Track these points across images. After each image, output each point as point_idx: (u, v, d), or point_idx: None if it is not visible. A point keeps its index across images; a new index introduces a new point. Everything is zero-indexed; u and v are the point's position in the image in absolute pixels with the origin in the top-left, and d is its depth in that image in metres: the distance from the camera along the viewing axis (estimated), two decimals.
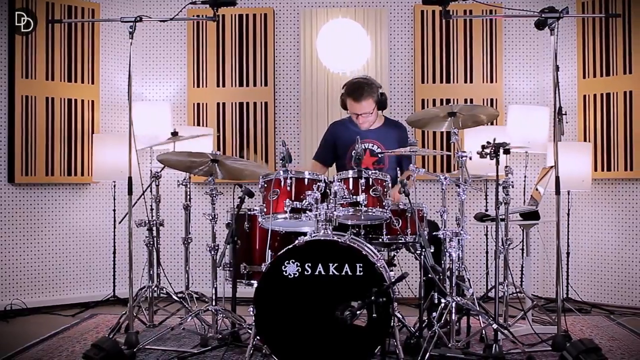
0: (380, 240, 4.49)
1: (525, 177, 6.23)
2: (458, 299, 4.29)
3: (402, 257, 6.12)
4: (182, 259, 5.44)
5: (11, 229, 6.11)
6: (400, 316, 4.30)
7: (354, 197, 4.16)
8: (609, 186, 6.24)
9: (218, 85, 6.75)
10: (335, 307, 3.75)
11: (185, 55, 6.80)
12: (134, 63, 6.62)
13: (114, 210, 6.30)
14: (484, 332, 4.59)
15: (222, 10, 4.63)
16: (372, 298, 3.48)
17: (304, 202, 4.17)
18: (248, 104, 6.74)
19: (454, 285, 4.31)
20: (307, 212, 4.16)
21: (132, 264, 4.47)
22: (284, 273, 3.89)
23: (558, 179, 4.40)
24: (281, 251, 4.03)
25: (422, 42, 6.70)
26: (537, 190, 5.20)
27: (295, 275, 3.88)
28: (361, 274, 3.85)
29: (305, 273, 3.88)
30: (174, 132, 5.06)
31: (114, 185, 6.30)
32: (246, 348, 4.44)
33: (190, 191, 5.30)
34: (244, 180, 5.20)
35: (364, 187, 4.19)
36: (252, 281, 4.65)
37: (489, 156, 4.42)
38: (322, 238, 3.98)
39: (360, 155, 4.26)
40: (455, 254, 4.30)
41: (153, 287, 5.11)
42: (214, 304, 4.60)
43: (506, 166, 4.50)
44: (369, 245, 4.27)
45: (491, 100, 6.62)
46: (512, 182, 4.54)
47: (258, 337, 3.97)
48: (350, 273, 3.86)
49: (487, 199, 6.38)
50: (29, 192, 6.20)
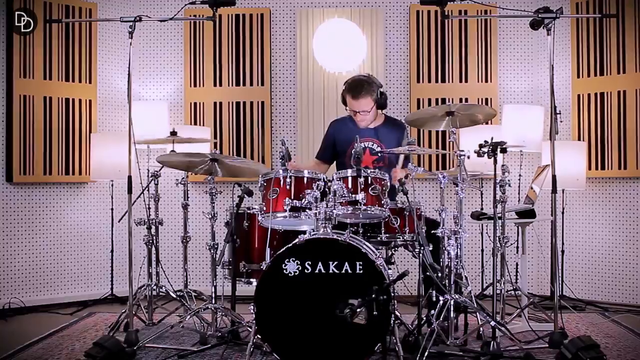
0: (379, 238, 4.49)
1: (520, 176, 6.24)
2: (456, 296, 4.30)
3: (400, 256, 6.12)
4: (181, 258, 5.44)
5: (9, 228, 6.09)
6: (398, 314, 4.31)
7: (353, 196, 4.16)
8: (603, 185, 6.25)
9: (215, 85, 6.74)
10: (336, 305, 3.75)
11: (182, 55, 6.79)
12: (132, 62, 6.64)
13: (111, 209, 6.29)
14: (481, 330, 4.61)
15: (219, 10, 4.62)
16: (373, 296, 3.47)
17: (303, 201, 4.17)
18: (245, 103, 6.73)
19: (452, 283, 4.33)
20: (307, 211, 4.16)
21: (132, 262, 4.46)
22: (284, 271, 3.90)
23: (555, 177, 4.42)
24: (281, 249, 4.04)
25: (418, 42, 6.70)
26: (533, 189, 5.22)
27: (296, 274, 3.89)
28: (361, 272, 3.86)
29: (306, 271, 3.89)
30: (172, 132, 5.05)
31: (112, 185, 6.28)
32: (245, 346, 4.45)
33: (189, 190, 5.30)
34: (243, 179, 5.19)
35: (363, 186, 4.19)
36: (251, 279, 4.65)
37: (486, 155, 4.43)
38: (322, 236, 3.98)
39: (359, 154, 4.26)
40: (454, 252, 4.31)
41: (152, 286, 5.10)
42: (214, 302, 4.59)
43: (503, 165, 4.52)
44: (367, 243, 4.27)
45: (486, 99, 6.63)
46: (509, 181, 4.56)
47: (258, 335, 3.97)
48: (350, 271, 3.87)
49: (483, 197, 6.38)
50: (27, 192, 6.18)
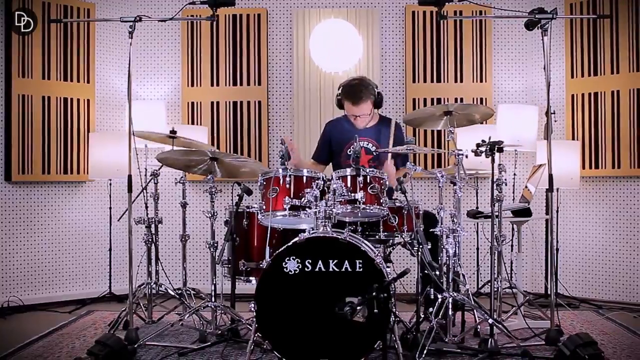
0: (377, 237, 4.49)
1: (515, 175, 6.25)
2: (455, 294, 4.31)
3: (398, 254, 6.14)
4: (179, 256, 5.42)
5: (8, 226, 6.07)
6: (396, 312, 4.31)
7: (352, 195, 4.16)
8: (596, 184, 6.27)
9: (212, 85, 6.73)
10: (336, 303, 3.75)
11: (180, 55, 6.78)
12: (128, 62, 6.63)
13: (109, 208, 6.27)
14: (478, 327, 4.61)
15: (212, 10, 4.59)
16: (374, 294, 3.47)
17: (303, 200, 4.17)
18: (242, 103, 6.72)
19: (450, 281, 4.33)
20: (307, 210, 4.16)
21: (132, 260, 4.46)
22: (285, 270, 3.89)
23: (551, 176, 4.43)
24: (281, 248, 4.03)
25: (413, 42, 6.71)
26: (528, 189, 5.22)
27: (296, 272, 3.88)
28: (361, 270, 3.85)
29: (306, 269, 3.88)
30: (172, 131, 5.04)
31: (110, 184, 6.27)
32: (245, 344, 4.46)
33: (188, 189, 5.29)
34: (243, 179, 5.18)
35: (362, 185, 4.19)
36: (251, 278, 4.65)
37: (484, 154, 4.43)
38: (322, 235, 3.98)
39: (358, 153, 4.26)
40: (452, 250, 4.32)
41: (152, 284, 5.09)
42: (213, 300, 4.59)
43: (499, 164, 4.52)
44: (366, 242, 4.27)
45: (481, 99, 6.64)
46: (506, 180, 4.56)
47: (259, 333, 3.96)
48: (350, 269, 3.86)
49: (478, 196, 6.39)
50: (26, 191, 6.16)
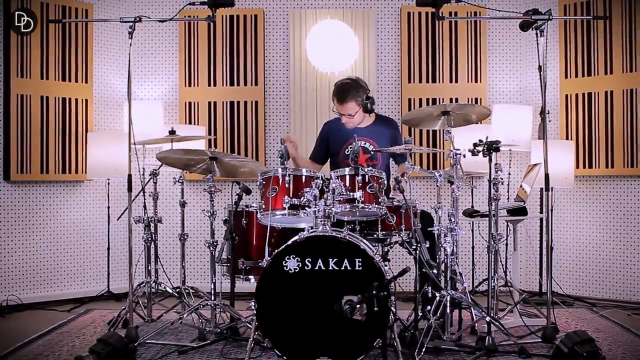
0: (375, 235, 4.48)
1: (509, 175, 6.26)
2: (453, 292, 4.32)
3: (395, 252, 6.14)
4: (178, 255, 5.41)
5: (7, 225, 6.05)
6: (395, 310, 4.32)
7: (351, 194, 4.16)
8: (590, 183, 6.29)
9: (209, 85, 6.72)
10: (335, 302, 3.75)
11: (177, 55, 6.77)
12: (126, 62, 6.60)
13: (108, 207, 6.26)
14: (476, 325, 4.62)
15: (211, 11, 4.57)
16: (374, 292, 3.47)
17: (302, 199, 4.17)
18: (239, 102, 6.72)
19: (448, 279, 4.34)
20: (306, 209, 4.16)
21: (132, 259, 4.45)
22: (285, 268, 3.89)
23: (547, 176, 4.45)
24: (281, 247, 4.04)
25: (409, 43, 6.71)
26: (523, 188, 5.23)
27: (296, 271, 3.89)
28: (360, 268, 3.86)
29: (306, 268, 3.88)
30: (171, 131, 5.03)
31: (108, 183, 6.26)
32: (244, 342, 4.46)
33: (186, 189, 5.28)
34: (242, 178, 5.18)
35: (360, 184, 4.19)
36: (250, 276, 4.65)
37: (481, 154, 4.44)
38: (322, 234, 3.98)
39: (356, 152, 4.27)
40: (450, 249, 4.32)
41: (151, 283, 5.08)
42: (213, 298, 4.58)
43: (496, 163, 4.53)
44: (364, 240, 4.27)
45: (476, 99, 6.65)
46: (502, 179, 4.57)
47: (259, 331, 3.96)
48: (349, 268, 3.87)
49: (473, 195, 6.40)
50: (25, 190, 6.14)
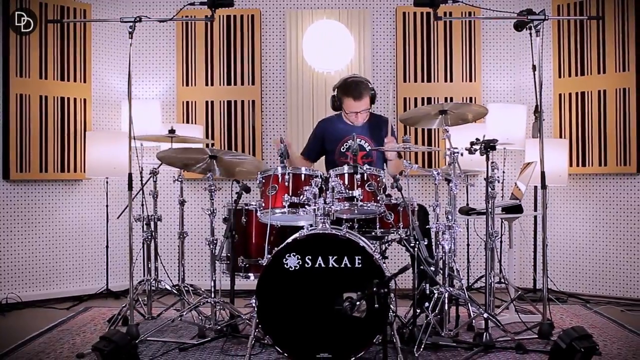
0: (373, 233, 4.47)
1: (503, 173, 6.27)
2: (451, 289, 4.33)
3: (391, 249, 6.13)
4: (176, 253, 5.40)
5: (6, 224, 6.03)
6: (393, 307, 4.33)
7: (350, 192, 4.16)
8: (583, 181, 6.30)
9: (207, 84, 6.71)
10: (335, 299, 3.75)
11: (175, 55, 6.75)
12: (125, 62, 6.61)
13: (106, 205, 6.24)
14: (473, 321, 4.63)
15: (209, 11, 4.56)
16: (374, 289, 3.47)
17: (301, 197, 4.17)
18: (236, 102, 6.71)
19: (447, 276, 4.35)
20: (306, 207, 4.16)
21: (132, 257, 4.44)
22: (285, 266, 3.89)
23: (543, 174, 4.46)
24: (281, 244, 4.04)
25: (404, 43, 6.71)
26: (518, 187, 5.24)
27: (296, 268, 3.88)
28: (360, 266, 3.86)
29: (306, 265, 3.88)
30: (171, 130, 5.02)
31: (107, 182, 6.24)
32: (244, 339, 4.47)
33: (186, 187, 5.27)
34: (241, 177, 5.16)
35: (359, 183, 4.19)
36: (249, 274, 4.65)
37: (478, 152, 4.44)
38: (322, 232, 3.97)
39: (355, 151, 4.27)
40: (448, 246, 4.33)
41: (152, 281, 5.07)
42: (212, 296, 4.57)
43: (492, 162, 4.53)
44: (363, 238, 4.27)
45: (470, 98, 6.66)
46: (499, 177, 4.58)
47: (260, 328, 3.96)
48: (349, 265, 3.87)
49: (468, 193, 6.41)
50: (24, 189, 6.12)
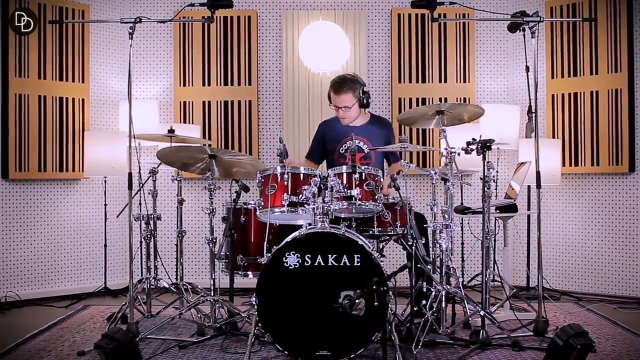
0: (371, 232, 4.48)
1: (497, 172, 6.28)
2: (448, 287, 4.34)
3: (388, 248, 6.13)
4: (174, 252, 5.38)
5: (5, 223, 6.01)
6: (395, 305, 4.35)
7: (349, 191, 4.16)
8: (576, 180, 6.32)
9: (204, 85, 6.70)
10: (335, 297, 3.76)
11: (172, 55, 6.74)
12: (122, 62, 6.60)
13: (105, 204, 6.23)
14: (470, 319, 4.63)
15: (208, 12, 4.54)
16: (374, 287, 3.48)
17: (300, 196, 4.17)
18: (233, 102, 6.70)
19: (444, 274, 4.35)
20: (305, 206, 4.16)
21: (132, 256, 4.43)
22: (285, 264, 3.89)
23: (539, 173, 4.47)
24: (278, 243, 4.06)
25: (399, 44, 6.72)
26: (512, 187, 5.25)
27: (296, 266, 3.89)
28: (359, 264, 3.87)
29: (306, 264, 3.89)
30: (170, 130, 5.01)
31: (105, 181, 6.23)
32: (243, 336, 4.48)
33: (185, 186, 5.26)
34: (240, 176, 5.15)
35: (357, 182, 4.19)
36: (248, 272, 4.65)
37: (475, 152, 4.45)
38: (322, 230, 3.97)
39: (354, 151, 4.28)
40: (445, 245, 4.34)
41: (151, 279, 5.06)
42: (212, 294, 4.56)
43: (488, 161, 4.54)
44: (361, 237, 4.27)
45: (464, 99, 6.67)
46: (494, 177, 4.59)
47: (260, 325, 3.95)
48: (348, 263, 3.87)
49: (463, 192, 6.42)
50: (23, 188, 6.10)
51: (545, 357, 3.61)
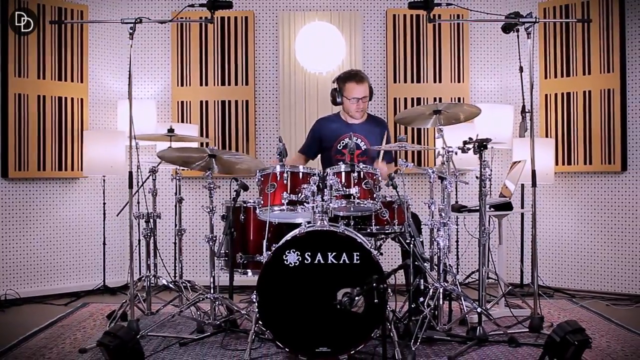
0: (369, 230, 4.49)
1: (491, 171, 6.28)
2: (445, 284, 4.34)
3: (386, 246, 6.15)
4: (173, 250, 5.37)
5: (5, 222, 5.99)
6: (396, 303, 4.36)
7: (347, 190, 4.16)
8: (569, 179, 6.34)
9: (201, 84, 6.70)
10: (334, 294, 3.76)
11: (170, 55, 6.73)
12: (121, 62, 6.58)
13: (103, 203, 6.21)
14: (466, 316, 4.64)
15: (205, 12, 4.53)
16: (374, 285, 3.48)
17: (300, 195, 4.16)
18: (230, 102, 6.70)
19: (441, 271, 4.36)
20: (304, 204, 4.15)
21: (133, 254, 4.43)
22: (285, 262, 3.88)
23: (534, 172, 4.49)
24: (277, 241, 4.07)
25: (394, 44, 6.73)
26: (506, 186, 5.26)
27: (296, 264, 3.88)
28: (358, 262, 3.86)
29: (305, 262, 3.88)
30: (170, 129, 5.00)
31: (104, 180, 6.22)
32: (242, 334, 4.48)
33: (184, 185, 5.25)
34: (239, 175, 5.15)
35: (356, 180, 4.19)
36: (247, 270, 4.64)
37: (471, 151, 4.46)
38: (321, 229, 3.97)
39: (352, 149, 4.28)
40: (443, 243, 4.34)
41: (151, 277, 5.05)
42: (212, 292, 4.56)
43: (484, 160, 4.55)
44: (359, 235, 4.27)
45: (458, 98, 6.68)
46: (490, 176, 4.60)
47: (260, 323, 3.95)
48: (347, 261, 3.87)
49: (458, 190, 6.43)
50: (22, 187, 6.08)
51: (543, 353, 3.62)
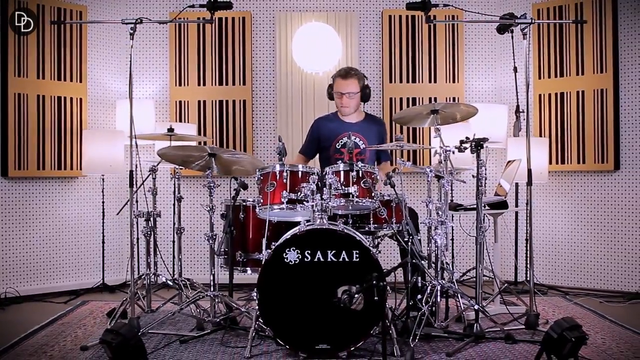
0: (367, 228, 4.49)
1: (486, 170, 6.29)
2: (443, 282, 4.35)
3: (383, 244, 6.13)
4: (172, 248, 5.37)
5: (4, 220, 5.97)
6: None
7: (346, 189, 4.16)
8: (562, 178, 6.36)
9: (199, 84, 6.69)
10: (334, 292, 3.76)
11: (168, 56, 6.72)
12: (120, 62, 6.57)
13: (102, 202, 6.20)
14: (464, 313, 4.65)
15: (203, 13, 4.52)
16: (373, 282, 3.49)
17: (299, 194, 4.16)
18: (227, 101, 6.69)
19: (439, 269, 4.37)
20: (304, 203, 4.16)
21: (133, 252, 4.42)
22: (285, 260, 3.89)
23: (530, 171, 4.51)
24: (277, 239, 4.08)
25: (390, 45, 6.73)
26: (501, 185, 5.28)
27: (296, 262, 3.89)
28: (357, 260, 3.87)
29: (305, 260, 3.89)
30: (170, 129, 5.00)
31: (103, 179, 6.20)
32: (242, 331, 4.48)
33: (184, 184, 5.25)
34: (238, 174, 5.14)
35: (355, 179, 4.20)
36: (246, 268, 4.63)
37: (468, 150, 4.46)
38: (321, 227, 3.98)
39: (351, 148, 4.28)
40: (441, 241, 4.35)
41: (151, 275, 5.04)
42: (212, 289, 4.55)
43: (480, 159, 4.56)
44: (358, 233, 4.27)
45: (453, 98, 6.69)
46: (486, 175, 4.61)
47: (261, 320, 3.95)
48: (347, 259, 3.88)
49: (453, 189, 6.44)
50: (22, 186, 6.06)
51: (540, 350, 3.63)
